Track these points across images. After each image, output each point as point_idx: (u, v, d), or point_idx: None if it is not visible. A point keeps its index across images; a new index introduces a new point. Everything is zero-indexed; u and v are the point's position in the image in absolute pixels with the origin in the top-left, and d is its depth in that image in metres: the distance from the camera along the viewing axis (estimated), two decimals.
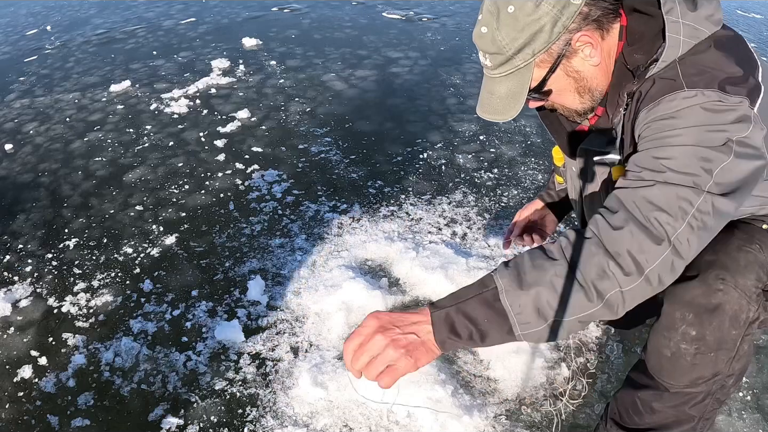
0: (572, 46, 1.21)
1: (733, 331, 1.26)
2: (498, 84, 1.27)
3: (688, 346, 1.27)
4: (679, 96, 1.12)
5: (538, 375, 1.99)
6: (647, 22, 1.21)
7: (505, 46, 1.19)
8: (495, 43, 1.20)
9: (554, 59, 1.22)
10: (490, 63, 1.26)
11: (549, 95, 1.32)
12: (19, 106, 4.66)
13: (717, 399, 1.38)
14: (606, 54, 1.26)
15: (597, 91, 1.31)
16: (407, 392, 1.86)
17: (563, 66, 1.25)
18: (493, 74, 1.27)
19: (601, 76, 1.29)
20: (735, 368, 1.32)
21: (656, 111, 1.14)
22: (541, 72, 1.25)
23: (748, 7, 8.32)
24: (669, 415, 1.39)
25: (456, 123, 3.93)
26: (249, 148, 3.67)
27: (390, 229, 2.81)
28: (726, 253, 1.26)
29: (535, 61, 1.22)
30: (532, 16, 1.16)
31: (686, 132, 1.10)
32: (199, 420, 1.90)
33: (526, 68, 1.23)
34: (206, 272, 2.59)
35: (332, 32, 6.09)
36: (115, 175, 3.47)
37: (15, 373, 2.11)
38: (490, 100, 1.30)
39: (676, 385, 1.33)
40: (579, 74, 1.26)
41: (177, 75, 5.03)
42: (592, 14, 1.19)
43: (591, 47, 1.22)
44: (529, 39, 1.18)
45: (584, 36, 1.20)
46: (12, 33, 7.10)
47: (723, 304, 1.24)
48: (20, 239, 2.91)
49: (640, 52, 1.23)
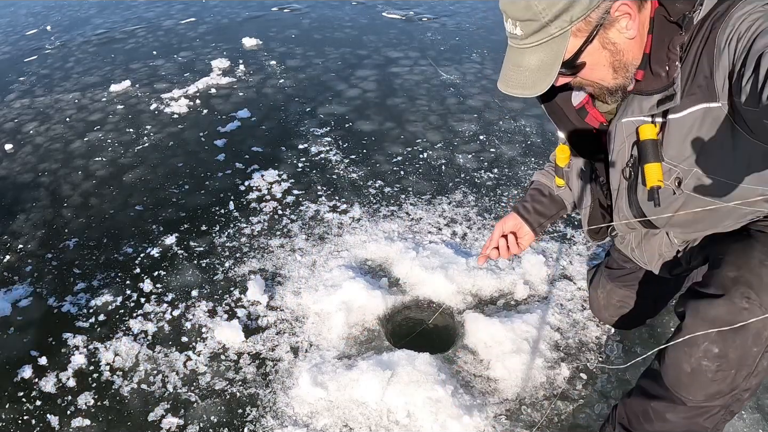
0: (611, 15, 1.13)
1: (755, 349, 1.24)
2: (528, 55, 1.16)
3: (709, 363, 1.25)
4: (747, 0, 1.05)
5: (538, 375, 1.99)
6: None
7: (542, 11, 1.10)
8: (530, 9, 1.10)
9: (592, 28, 1.13)
10: (520, 32, 1.15)
11: (581, 70, 1.22)
12: (19, 106, 4.66)
13: (731, 411, 1.37)
14: (641, 26, 1.18)
15: (632, 65, 1.22)
16: (407, 392, 1.87)
17: (600, 37, 1.15)
18: (523, 44, 1.16)
19: (636, 50, 1.20)
20: (752, 383, 1.31)
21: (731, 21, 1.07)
22: (577, 42, 1.15)
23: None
24: (681, 425, 1.38)
25: (456, 123, 3.93)
26: (249, 148, 3.67)
27: (390, 229, 2.81)
28: (749, 269, 1.22)
29: (572, 30, 1.12)
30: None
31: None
32: (199, 420, 1.90)
33: (561, 37, 1.13)
34: (206, 272, 2.59)
35: (332, 32, 6.09)
36: (115, 175, 3.47)
37: (15, 373, 2.11)
38: (517, 73, 1.19)
39: (694, 399, 1.32)
40: (615, 46, 1.18)
41: (177, 75, 5.03)
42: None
43: (628, 18, 1.14)
44: (567, 5, 1.09)
45: (624, 5, 1.13)
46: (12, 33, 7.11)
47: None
48: (20, 239, 2.92)
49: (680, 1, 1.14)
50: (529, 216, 1.76)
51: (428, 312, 2.36)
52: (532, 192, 1.81)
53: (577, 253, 2.62)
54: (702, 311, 1.24)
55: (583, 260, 2.57)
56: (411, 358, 1.98)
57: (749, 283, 1.21)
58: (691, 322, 1.26)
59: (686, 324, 1.28)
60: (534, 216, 1.76)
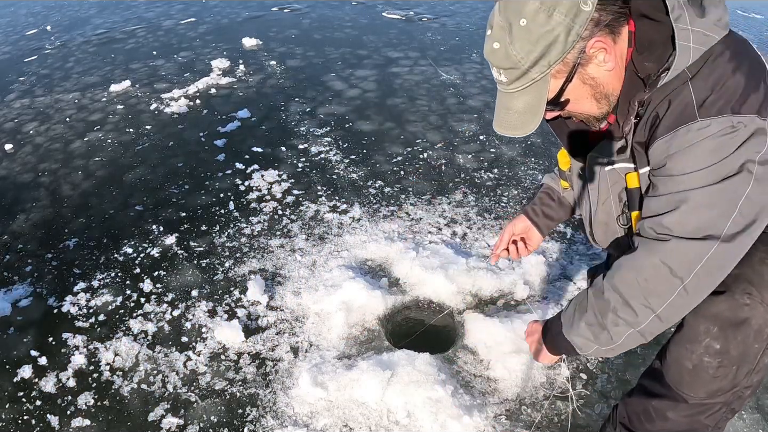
0: (587, 53, 1.19)
1: (756, 345, 1.26)
2: (514, 99, 1.25)
3: (711, 359, 1.27)
4: (693, 128, 1.13)
5: (538, 375, 1.99)
6: (656, 29, 1.20)
7: (521, 60, 1.17)
8: (509, 58, 1.18)
9: (570, 68, 1.21)
10: (505, 78, 1.23)
11: (566, 105, 1.30)
12: (19, 106, 4.66)
13: (732, 409, 1.38)
14: (619, 57, 1.24)
15: (613, 95, 1.28)
16: (407, 392, 1.87)
17: (579, 74, 1.23)
18: (509, 89, 1.24)
19: (616, 80, 1.26)
20: (753, 380, 1.32)
21: (671, 144, 1.16)
22: (558, 82, 1.23)
23: (748, 7, 8.32)
24: (682, 423, 1.39)
25: (456, 123, 3.93)
26: (249, 148, 3.66)
27: (390, 229, 2.81)
28: (750, 266, 1.24)
29: (551, 72, 1.20)
30: (545, 27, 1.13)
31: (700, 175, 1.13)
32: (199, 420, 1.90)
33: (542, 80, 1.20)
34: (206, 272, 2.59)
35: (332, 32, 6.09)
36: (115, 175, 3.47)
37: (15, 373, 2.11)
38: (507, 115, 1.27)
39: (695, 396, 1.33)
40: (595, 80, 1.25)
41: (177, 75, 5.03)
42: (603, 19, 1.18)
43: (605, 52, 1.19)
44: (544, 50, 1.16)
45: (598, 42, 1.18)
46: (12, 33, 7.11)
47: (749, 318, 1.24)
48: (20, 239, 2.91)
49: (650, 60, 1.21)
50: (538, 219, 1.81)
51: (428, 312, 2.36)
52: (541, 195, 1.86)
53: (577, 253, 2.62)
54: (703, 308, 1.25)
55: (583, 260, 2.57)
56: (411, 358, 1.98)
57: (750, 280, 1.24)
58: (693, 318, 1.28)
59: (688, 321, 1.29)
60: (543, 219, 1.81)
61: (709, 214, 1.14)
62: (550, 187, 1.84)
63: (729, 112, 1.11)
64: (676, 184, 1.17)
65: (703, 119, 1.12)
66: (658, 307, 1.21)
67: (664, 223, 1.18)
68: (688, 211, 1.15)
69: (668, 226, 1.17)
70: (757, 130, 1.11)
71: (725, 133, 1.11)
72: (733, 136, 1.11)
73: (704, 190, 1.13)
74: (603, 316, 1.30)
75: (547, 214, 1.80)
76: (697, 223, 1.15)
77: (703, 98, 1.14)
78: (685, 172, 1.15)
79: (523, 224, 1.82)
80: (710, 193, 1.13)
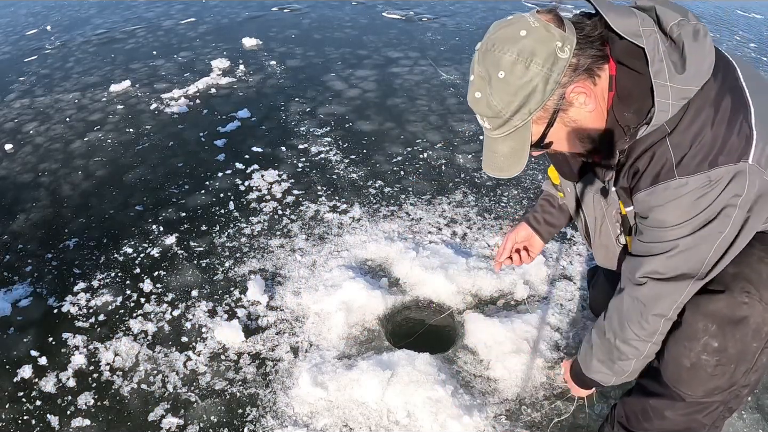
0: (567, 99, 1.21)
1: (754, 344, 1.26)
2: (500, 143, 1.28)
3: (709, 357, 1.27)
4: (671, 186, 1.17)
5: (538, 375, 1.99)
6: (636, 80, 1.20)
7: (502, 110, 1.20)
8: (491, 108, 1.21)
9: (551, 114, 1.23)
10: (488, 125, 1.27)
11: (551, 146, 1.33)
12: (19, 106, 4.66)
13: (730, 408, 1.38)
14: (600, 98, 1.25)
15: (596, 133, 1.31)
16: (407, 392, 1.87)
17: (560, 118, 1.25)
18: (494, 135, 1.28)
19: (598, 119, 1.27)
20: (751, 379, 1.32)
21: (651, 199, 1.22)
22: (540, 127, 1.26)
23: (749, 7, 8.32)
24: (680, 422, 1.39)
25: (456, 123, 3.93)
26: (249, 148, 3.66)
27: (390, 229, 2.81)
28: (748, 264, 1.26)
29: (532, 119, 1.22)
30: (523, 79, 1.15)
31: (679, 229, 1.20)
32: (199, 420, 1.90)
33: (524, 127, 1.23)
34: (206, 272, 2.59)
35: (332, 32, 6.09)
36: (115, 175, 3.47)
37: (15, 373, 2.11)
38: (493, 158, 1.32)
39: (693, 395, 1.33)
40: (576, 123, 1.27)
41: (177, 75, 5.03)
42: (582, 64, 1.18)
43: (585, 95, 1.21)
44: (523, 100, 1.18)
45: (577, 87, 1.19)
46: (12, 33, 7.10)
47: (748, 317, 1.24)
48: (20, 239, 2.91)
49: (630, 111, 1.22)
50: (539, 227, 1.85)
51: (428, 312, 2.36)
52: (542, 202, 1.88)
53: (577, 253, 2.62)
54: (702, 306, 1.26)
55: (583, 260, 2.57)
56: (411, 358, 1.98)
57: (749, 279, 1.24)
58: (691, 316, 1.28)
59: (686, 318, 1.30)
60: (545, 227, 1.85)
61: (687, 261, 1.22)
62: (550, 194, 1.86)
63: (706, 167, 1.14)
64: (658, 236, 1.24)
65: (681, 177, 1.16)
66: (650, 337, 1.34)
67: (644, 270, 1.28)
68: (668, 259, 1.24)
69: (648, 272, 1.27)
70: (736, 174, 1.13)
71: (702, 187, 1.15)
72: (709, 189, 1.15)
73: (684, 240, 1.20)
74: (609, 354, 1.44)
75: (548, 221, 1.84)
76: (675, 266, 1.23)
77: (681, 156, 1.17)
78: (665, 226, 1.22)
79: (525, 232, 1.85)
80: (689, 242, 1.20)
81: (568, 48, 1.15)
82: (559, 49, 1.15)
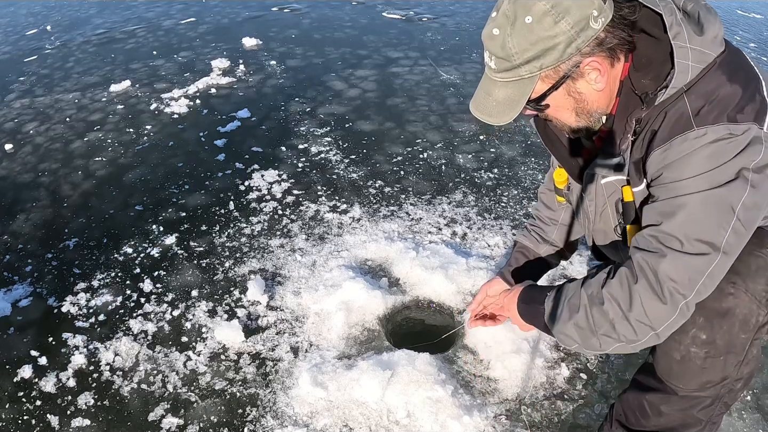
0: (580, 69, 1.20)
1: (743, 335, 1.26)
2: (497, 87, 1.25)
3: (698, 349, 1.27)
4: (689, 137, 1.12)
5: (538, 375, 1.99)
6: (654, 47, 1.19)
7: (515, 54, 1.17)
8: (504, 49, 1.18)
9: (559, 77, 1.21)
10: (494, 65, 1.23)
11: (546, 109, 1.30)
12: (19, 106, 4.66)
13: (725, 403, 1.38)
14: (612, 80, 1.24)
15: (596, 113, 1.29)
16: (407, 392, 1.87)
17: (566, 85, 1.23)
18: (495, 77, 1.25)
19: (603, 100, 1.27)
20: (743, 372, 1.32)
21: (668, 154, 1.16)
22: (543, 87, 1.23)
23: (749, 7, 8.32)
24: (676, 418, 1.39)
25: (456, 123, 3.93)
26: (249, 148, 3.67)
27: (390, 229, 2.81)
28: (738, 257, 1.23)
29: (540, 75, 1.20)
30: (548, 32, 1.13)
31: (697, 180, 1.13)
32: (199, 420, 1.90)
33: (529, 79, 1.21)
34: (206, 272, 2.59)
35: (332, 32, 6.09)
36: (115, 175, 3.47)
37: (15, 373, 2.11)
38: (486, 100, 1.27)
39: (685, 388, 1.33)
40: (580, 96, 1.25)
41: (177, 75, 5.03)
42: (607, 42, 1.17)
43: (598, 73, 1.20)
44: (539, 53, 1.16)
45: (594, 62, 1.18)
46: (12, 33, 7.10)
47: (733, 308, 1.24)
48: (20, 239, 2.91)
49: (648, 78, 1.21)
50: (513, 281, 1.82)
51: (428, 312, 2.36)
52: (516, 255, 1.88)
53: (577, 253, 2.62)
54: None
55: (583, 260, 2.57)
56: (411, 358, 1.98)
57: (736, 270, 1.24)
58: None
59: None
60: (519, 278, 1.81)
61: (707, 223, 1.13)
62: (524, 246, 1.87)
63: (725, 120, 1.11)
64: (674, 190, 1.17)
65: (700, 128, 1.12)
66: (659, 325, 1.19)
67: (663, 230, 1.17)
68: (686, 218, 1.14)
69: (669, 233, 1.16)
70: (754, 139, 1.11)
71: (722, 139, 1.11)
72: (729, 142, 1.11)
73: (701, 195, 1.13)
74: (597, 326, 1.25)
75: (522, 275, 1.82)
76: (696, 234, 1.13)
77: (699, 108, 1.14)
78: (682, 178, 1.15)
79: (498, 286, 1.83)
80: (707, 198, 1.12)
81: (602, 20, 1.14)
82: (593, 18, 1.13)
